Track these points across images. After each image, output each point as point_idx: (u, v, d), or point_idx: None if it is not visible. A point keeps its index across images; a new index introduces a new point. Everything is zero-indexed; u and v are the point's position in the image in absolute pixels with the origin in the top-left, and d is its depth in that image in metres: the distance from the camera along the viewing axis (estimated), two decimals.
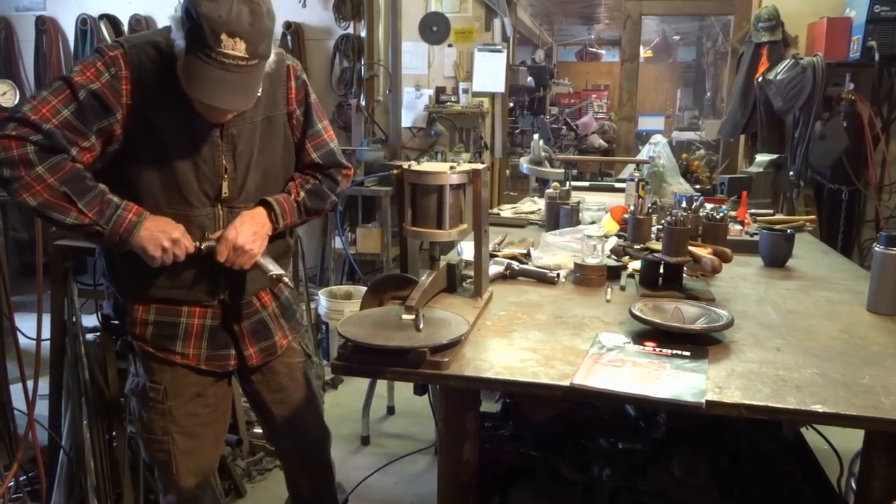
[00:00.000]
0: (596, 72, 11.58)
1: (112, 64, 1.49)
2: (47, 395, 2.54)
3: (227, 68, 1.42)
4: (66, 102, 1.45)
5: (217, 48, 1.40)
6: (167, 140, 1.54)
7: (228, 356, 1.76)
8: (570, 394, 1.25)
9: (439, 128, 5.09)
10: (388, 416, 3.48)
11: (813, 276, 2.11)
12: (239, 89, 1.47)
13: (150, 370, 1.70)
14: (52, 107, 1.44)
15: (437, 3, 5.11)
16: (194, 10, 1.39)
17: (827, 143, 4.20)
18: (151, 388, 1.70)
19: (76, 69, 1.48)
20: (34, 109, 1.43)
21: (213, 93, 1.44)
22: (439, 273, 1.68)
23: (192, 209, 1.60)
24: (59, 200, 1.43)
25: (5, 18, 5.72)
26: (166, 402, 1.70)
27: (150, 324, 1.68)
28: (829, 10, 4.42)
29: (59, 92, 1.46)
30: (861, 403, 1.18)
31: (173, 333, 1.69)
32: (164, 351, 1.69)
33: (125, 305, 1.69)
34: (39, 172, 1.41)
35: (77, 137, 1.46)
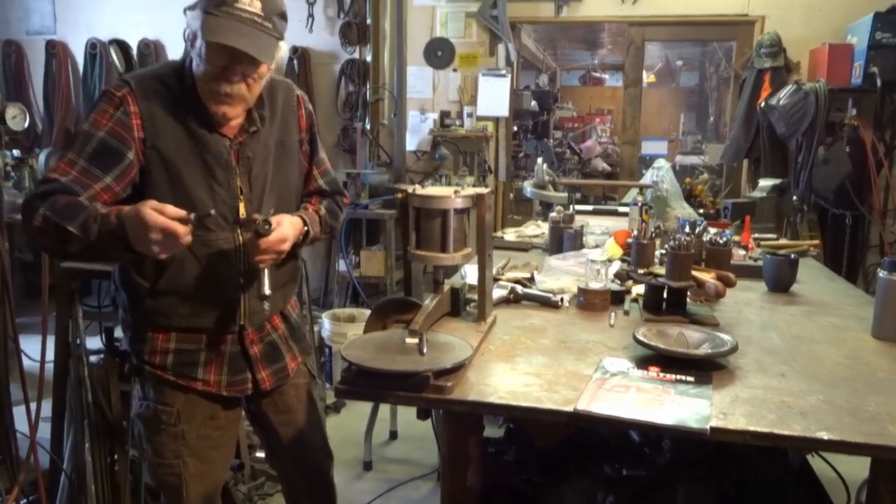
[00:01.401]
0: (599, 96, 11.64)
1: (121, 103, 1.53)
2: (49, 418, 2.54)
3: (244, 21, 1.48)
4: (80, 152, 1.51)
5: (234, 4, 1.48)
6: (181, 167, 1.57)
7: (246, 380, 1.75)
8: (574, 419, 1.24)
9: (444, 151, 5.12)
10: (390, 441, 3.46)
11: (817, 302, 2.10)
12: (254, 40, 1.50)
13: (162, 393, 1.69)
14: (69, 160, 1.51)
15: (442, 29, 5.17)
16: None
17: (830, 167, 4.21)
18: (164, 410, 1.68)
19: (90, 119, 1.54)
20: (55, 167, 1.51)
21: (230, 37, 1.48)
22: (443, 297, 1.68)
23: (209, 233, 1.61)
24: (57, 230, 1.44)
25: (16, 42, 5.79)
26: (179, 424, 1.69)
27: (171, 352, 1.67)
28: (830, 36, 4.46)
29: (75, 146, 1.52)
30: (867, 430, 1.17)
31: (194, 361, 1.68)
32: (186, 378, 1.68)
33: (143, 335, 1.68)
34: (42, 212, 1.45)
35: (92, 181, 1.50)
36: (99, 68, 5.56)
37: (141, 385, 1.73)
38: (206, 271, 1.62)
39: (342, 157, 5.37)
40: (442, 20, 5.16)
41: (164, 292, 1.61)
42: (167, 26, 5.50)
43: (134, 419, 1.77)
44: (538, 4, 4.98)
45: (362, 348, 1.42)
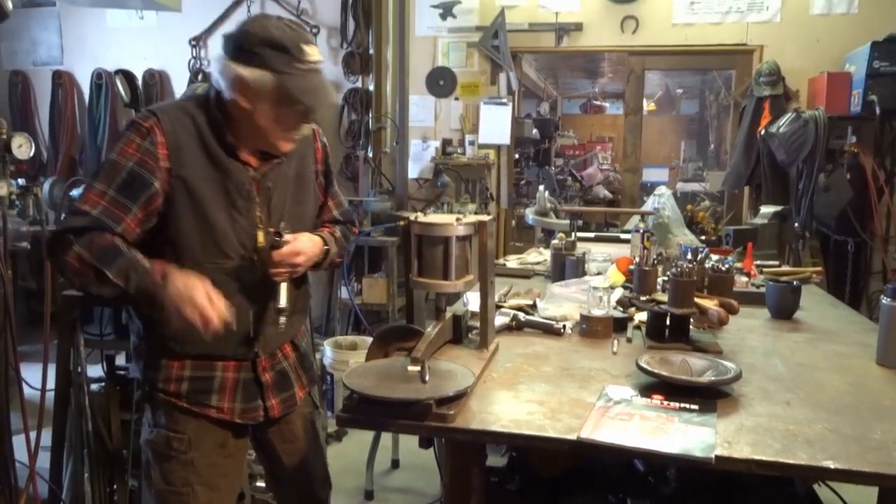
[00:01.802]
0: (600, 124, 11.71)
1: (148, 133, 1.56)
2: (49, 447, 2.52)
3: (317, 72, 1.59)
4: (109, 182, 1.54)
5: (304, 58, 1.55)
6: (204, 196, 1.60)
7: (258, 408, 1.75)
8: (578, 448, 1.23)
9: (445, 179, 5.14)
10: (392, 470, 3.43)
11: (821, 329, 2.09)
12: (328, 88, 1.64)
13: (174, 420, 1.68)
14: (99, 191, 1.53)
15: (444, 58, 5.22)
16: (270, 38, 1.52)
17: (831, 194, 4.22)
18: (175, 437, 1.68)
19: (117, 149, 1.57)
20: (83, 198, 1.54)
21: (321, 95, 1.59)
22: (445, 324, 1.68)
23: (228, 261, 1.63)
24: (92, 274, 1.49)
25: (23, 73, 5.87)
26: (189, 452, 1.68)
27: (186, 379, 1.67)
28: (828, 65, 4.50)
29: (103, 176, 1.55)
30: (874, 459, 1.16)
31: (208, 388, 1.69)
32: (200, 405, 1.68)
33: (157, 362, 1.68)
34: (77, 251, 1.49)
35: (122, 212, 1.54)
36: (104, 98, 5.62)
37: (152, 412, 1.72)
38: (225, 299, 1.61)
39: (345, 184, 5.40)
40: (444, 50, 5.22)
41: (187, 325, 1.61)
42: (172, 57, 5.58)
43: (142, 446, 1.76)
44: (539, 34, 5.04)
45: (364, 376, 1.42)
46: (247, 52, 1.53)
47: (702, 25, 4.82)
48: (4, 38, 5.89)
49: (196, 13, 5.33)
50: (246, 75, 1.53)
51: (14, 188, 2.60)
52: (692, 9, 4.81)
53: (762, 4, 4.72)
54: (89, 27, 5.76)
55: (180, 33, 5.50)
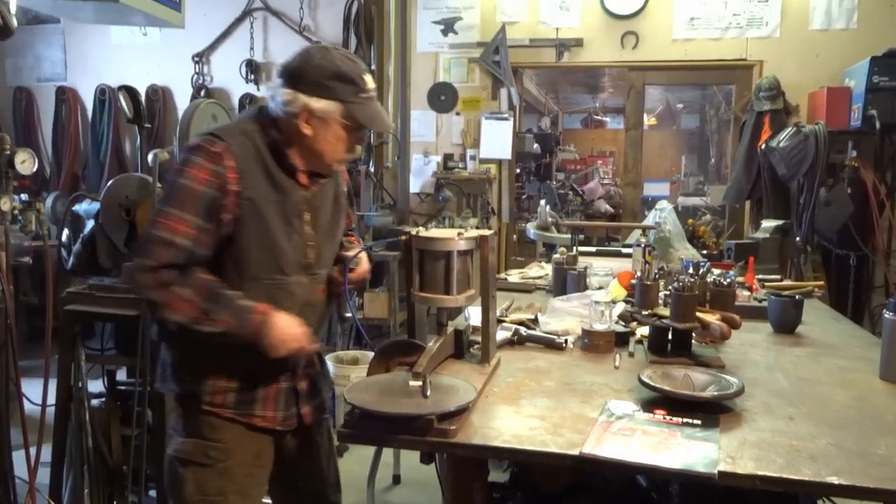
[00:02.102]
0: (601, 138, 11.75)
1: (219, 158, 1.61)
2: (49, 463, 2.51)
3: (375, 99, 1.72)
4: (193, 210, 1.58)
5: (366, 87, 1.68)
6: (268, 216, 1.67)
7: (294, 415, 1.79)
8: (580, 463, 1.23)
9: (447, 193, 5.15)
10: (393, 486, 3.41)
11: (823, 343, 2.09)
12: (384, 112, 1.80)
13: (212, 428, 1.71)
14: (185, 220, 1.58)
15: (445, 74, 5.25)
16: (339, 71, 1.64)
17: (832, 208, 4.23)
18: (212, 446, 1.70)
19: (188, 174, 1.60)
20: (169, 228, 1.57)
21: (382, 120, 1.75)
22: (447, 339, 1.68)
23: (286, 277, 1.70)
24: (201, 315, 1.57)
25: (27, 89, 5.90)
26: (227, 460, 1.71)
27: (232, 391, 1.71)
28: (828, 79, 4.52)
29: (182, 203, 1.59)
30: (878, 475, 1.15)
31: (254, 398, 1.72)
32: (246, 415, 1.72)
33: (205, 374, 1.71)
34: (178, 292, 1.56)
35: (208, 238, 1.61)
36: (107, 114, 5.65)
37: (184, 422, 1.74)
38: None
39: None
40: (445, 66, 5.25)
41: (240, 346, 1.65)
42: (175, 73, 5.61)
43: (170, 457, 1.75)
44: (540, 50, 5.08)
45: (365, 391, 1.42)
46: (315, 84, 1.63)
47: (702, 41, 4.84)
48: (9, 55, 5.94)
49: (199, 30, 5.37)
50: (315, 106, 1.63)
51: (17, 203, 2.60)
52: (692, 24, 4.84)
53: (762, 20, 4.75)
54: (93, 44, 5.80)
55: (183, 49, 5.54)
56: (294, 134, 1.67)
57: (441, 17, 5.20)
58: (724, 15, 4.79)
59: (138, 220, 2.55)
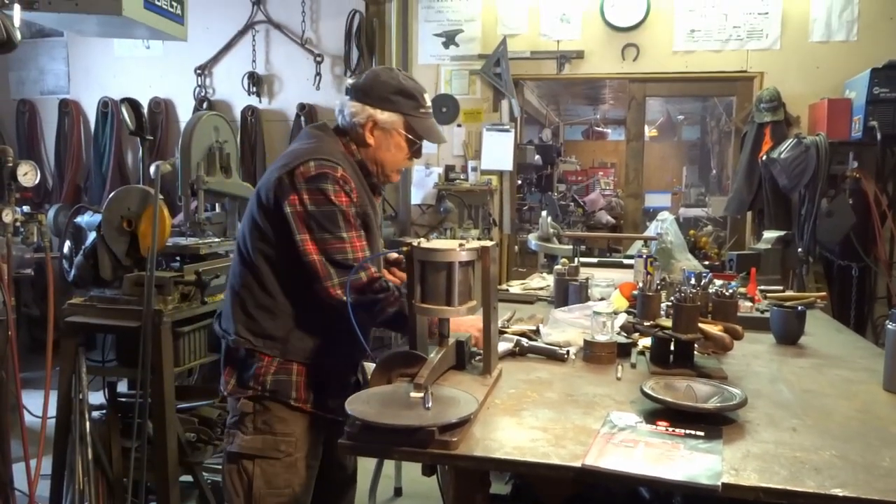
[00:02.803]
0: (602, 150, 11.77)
1: (345, 181, 1.79)
2: (49, 475, 2.50)
3: (432, 115, 1.96)
4: (357, 231, 1.79)
5: (425, 104, 1.91)
6: (374, 227, 1.90)
7: None
8: (582, 475, 1.22)
9: (448, 205, 5.16)
10: (395, 498, 3.39)
11: (826, 354, 2.08)
12: (439, 127, 2.00)
13: (283, 422, 1.82)
14: (357, 238, 1.79)
15: (447, 86, 5.27)
16: (403, 88, 1.87)
17: (834, 219, 4.22)
18: (283, 440, 1.81)
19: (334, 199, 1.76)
20: (352, 251, 1.77)
21: (437, 134, 1.95)
22: (448, 350, 1.68)
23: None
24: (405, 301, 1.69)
25: (30, 101, 5.93)
26: (295, 453, 1.82)
27: (312, 385, 1.85)
28: (829, 91, 4.53)
29: (347, 225, 1.78)
30: (883, 487, 1.14)
31: (327, 392, 1.87)
32: (322, 409, 1.86)
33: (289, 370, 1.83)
34: (392, 289, 1.78)
35: (373, 247, 1.86)
36: (110, 126, 5.67)
37: (254, 417, 1.82)
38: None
39: None
40: (447, 77, 5.27)
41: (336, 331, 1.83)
42: (177, 86, 5.64)
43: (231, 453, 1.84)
44: (540, 62, 5.09)
45: (367, 403, 1.41)
46: (380, 97, 1.84)
47: (702, 53, 4.86)
48: (13, 68, 5.97)
49: (201, 43, 5.40)
50: (380, 118, 1.85)
51: (19, 215, 2.61)
52: (692, 37, 4.86)
53: (762, 32, 4.77)
54: (96, 56, 5.83)
55: (186, 62, 5.57)
56: (361, 145, 1.88)
57: (442, 30, 5.23)
58: (725, 27, 4.81)
59: (140, 232, 2.56)
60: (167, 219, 2.56)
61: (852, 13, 4.63)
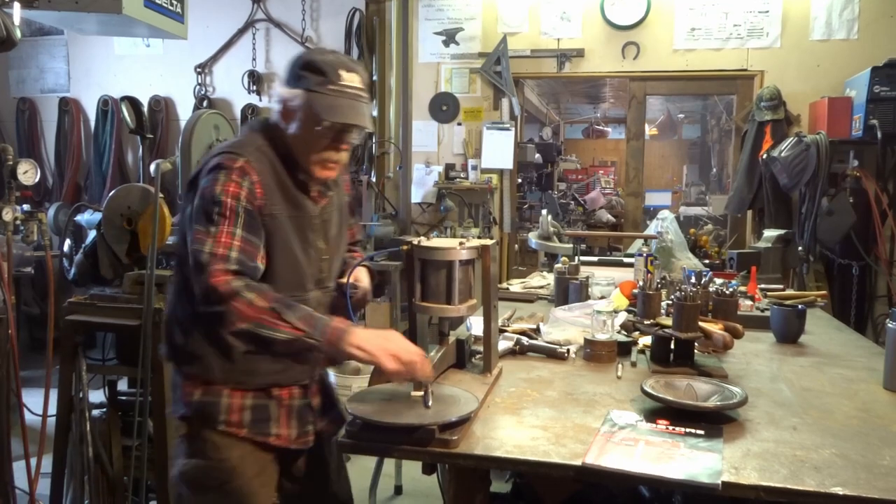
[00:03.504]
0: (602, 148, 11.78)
1: (245, 173, 1.58)
2: (49, 474, 2.50)
3: (351, 97, 1.61)
4: (234, 223, 1.54)
5: (339, 81, 1.60)
6: (289, 233, 1.65)
7: (309, 433, 1.76)
8: (583, 473, 1.22)
9: (449, 203, 5.15)
10: (395, 497, 3.39)
11: (827, 353, 2.08)
12: (363, 113, 1.64)
13: (216, 447, 1.67)
14: (227, 232, 1.53)
15: (447, 84, 5.27)
16: (311, 61, 1.61)
17: (835, 218, 4.22)
18: (216, 466, 1.66)
19: (218, 192, 1.56)
20: (215, 244, 1.52)
21: (347, 115, 1.60)
22: (448, 348, 1.68)
23: (305, 293, 1.68)
24: (271, 318, 1.48)
25: (30, 100, 5.93)
26: (232, 481, 1.66)
27: (248, 409, 1.68)
28: (829, 90, 4.53)
29: (221, 218, 1.54)
30: (883, 486, 1.14)
31: (268, 416, 1.69)
32: (262, 434, 1.68)
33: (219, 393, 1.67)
34: (248, 298, 1.47)
35: (254, 251, 1.56)
36: (110, 125, 5.67)
37: (189, 442, 1.69)
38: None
39: None
40: (447, 76, 5.27)
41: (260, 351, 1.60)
42: (177, 84, 5.63)
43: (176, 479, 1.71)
44: (541, 60, 5.09)
45: (367, 401, 1.41)
46: (290, 76, 1.62)
47: (702, 51, 4.86)
48: (13, 66, 5.96)
49: (201, 41, 5.40)
50: (285, 94, 1.62)
51: (19, 213, 2.61)
52: (693, 35, 4.86)
53: (762, 30, 4.76)
54: (96, 55, 5.83)
55: (186, 60, 5.56)
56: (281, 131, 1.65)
57: (443, 28, 5.22)
58: (725, 25, 4.81)
59: (140, 230, 2.56)
60: (167, 217, 2.55)
61: (853, 11, 4.62)
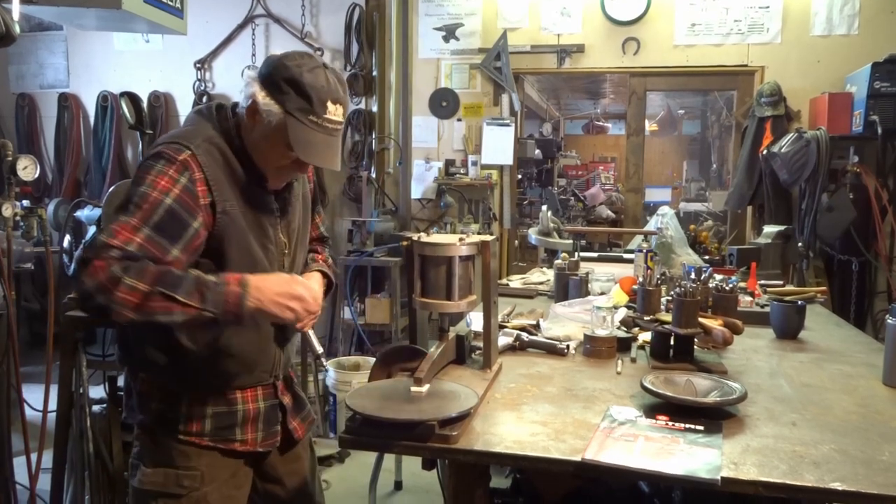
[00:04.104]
0: (602, 144, 11.78)
1: (185, 168, 1.47)
2: (50, 469, 2.51)
3: (330, 133, 1.52)
4: (146, 219, 1.42)
5: (324, 115, 1.49)
6: (244, 228, 1.56)
7: (277, 433, 1.73)
8: (582, 469, 1.22)
9: (448, 199, 5.15)
10: (395, 492, 3.40)
11: (826, 349, 2.08)
12: (336, 150, 1.56)
13: (184, 455, 1.60)
14: (132, 227, 1.41)
15: (447, 80, 5.26)
16: (299, 80, 1.48)
17: (834, 214, 4.22)
18: (185, 474, 1.59)
19: (148, 181, 1.45)
20: (114, 233, 1.40)
21: (320, 155, 1.52)
22: (448, 344, 1.68)
23: None
24: (158, 302, 1.37)
25: (29, 95, 5.92)
26: (202, 487, 1.60)
27: (209, 417, 1.61)
28: (829, 85, 4.52)
29: (136, 210, 1.43)
30: (882, 482, 1.15)
31: (232, 422, 1.63)
32: (225, 441, 1.62)
33: (177, 401, 1.60)
34: (129, 284, 1.35)
35: (159, 252, 1.42)
36: (110, 121, 5.66)
37: (153, 448, 1.63)
38: (254, 328, 1.60)
39: (348, 205, 5.42)
40: (447, 72, 5.26)
41: (214, 354, 1.55)
42: (177, 80, 5.63)
43: (135, 487, 1.64)
44: (541, 56, 5.08)
45: (367, 397, 1.41)
46: (271, 81, 1.50)
47: (703, 47, 4.85)
48: (12, 62, 5.95)
49: (201, 37, 5.39)
50: (260, 100, 1.49)
51: (19, 209, 2.61)
52: (693, 30, 4.85)
53: (763, 26, 4.75)
54: (96, 50, 5.82)
55: (185, 56, 5.55)
56: (243, 126, 1.56)
57: (442, 24, 5.21)
58: (726, 21, 4.80)
59: None
60: None
61: (853, 7, 4.61)
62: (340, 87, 1.54)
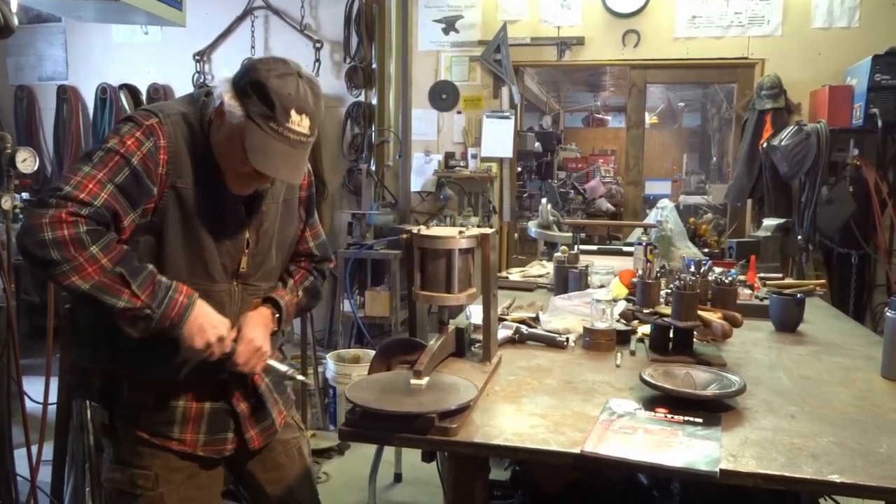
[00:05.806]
0: (602, 137, 11.76)
1: (151, 133, 1.45)
2: (50, 461, 2.51)
3: (292, 144, 1.44)
4: (112, 175, 1.40)
5: (285, 123, 1.42)
6: (195, 212, 1.50)
7: (226, 440, 1.66)
8: (581, 461, 1.23)
9: (448, 192, 5.16)
10: (395, 484, 3.41)
11: (825, 342, 2.08)
12: (297, 163, 1.49)
13: (138, 455, 1.58)
14: (98, 181, 1.38)
15: (447, 72, 5.25)
16: (265, 85, 1.42)
17: (834, 207, 4.22)
18: (139, 474, 1.57)
19: (114, 140, 1.43)
20: (80, 185, 1.36)
21: (276, 166, 1.45)
22: (448, 337, 1.68)
23: (213, 283, 1.57)
24: (114, 282, 1.35)
25: (28, 87, 5.91)
26: (157, 488, 1.57)
27: (146, 408, 1.57)
28: (829, 78, 4.51)
29: (102, 165, 1.40)
30: (880, 473, 1.15)
31: (171, 419, 1.58)
32: (161, 437, 1.58)
33: (117, 386, 1.58)
34: (93, 253, 1.34)
35: (122, 213, 1.41)
36: (109, 113, 5.66)
37: (114, 447, 1.61)
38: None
39: (347, 198, 5.42)
40: (446, 64, 5.25)
41: (155, 342, 1.47)
42: (176, 72, 5.62)
43: (104, 484, 1.64)
44: (541, 48, 5.07)
45: (367, 389, 1.41)
46: (238, 82, 1.45)
47: (703, 39, 4.84)
48: (11, 54, 5.94)
49: (200, 29, 5.38)
50: (226, 101, 1.44)
51: (18, 202, 2.61)
52: (693, 23, 4.84)
53: (763, 18, 4.74)
54: (94, 42, 5.81)
55: (184, 48, 5.54)
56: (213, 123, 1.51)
57: (442, 16, 5.20)
58: (726, 13, 4.79)
59: None
60: None
61: None
62: (311, 98, 1.47)
